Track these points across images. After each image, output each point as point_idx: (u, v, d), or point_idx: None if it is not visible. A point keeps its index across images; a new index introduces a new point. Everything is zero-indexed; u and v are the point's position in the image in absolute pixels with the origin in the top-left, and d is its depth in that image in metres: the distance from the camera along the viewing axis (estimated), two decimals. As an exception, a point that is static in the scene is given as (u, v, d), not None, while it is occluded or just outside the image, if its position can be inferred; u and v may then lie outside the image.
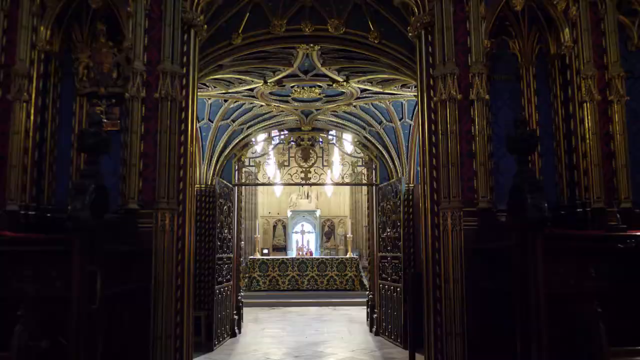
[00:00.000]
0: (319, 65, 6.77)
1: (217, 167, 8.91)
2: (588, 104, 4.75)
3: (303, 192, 27.02)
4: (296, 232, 22.65)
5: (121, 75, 4.93)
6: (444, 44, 4.89)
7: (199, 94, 7.60)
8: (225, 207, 8.66)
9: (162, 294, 4.55)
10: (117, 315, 4.02)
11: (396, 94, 7.75)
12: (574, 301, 3.63)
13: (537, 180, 4.15)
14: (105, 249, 3.60)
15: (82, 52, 5.01)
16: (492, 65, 5.15)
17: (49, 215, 4.70)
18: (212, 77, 6.54)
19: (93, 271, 3.38)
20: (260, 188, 26.83)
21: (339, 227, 27.19)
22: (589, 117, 4.73)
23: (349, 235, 15.20)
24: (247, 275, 13.53)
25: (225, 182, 8.81)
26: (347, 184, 9.34)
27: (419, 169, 9.10)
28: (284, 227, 26.60)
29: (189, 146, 4.87)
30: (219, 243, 8.29)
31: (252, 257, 14.19)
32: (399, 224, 8.27)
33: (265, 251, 25.56)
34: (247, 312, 11.31)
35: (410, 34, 5.30)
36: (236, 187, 9.35)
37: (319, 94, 7.79)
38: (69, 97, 5.00)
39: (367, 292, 9.99)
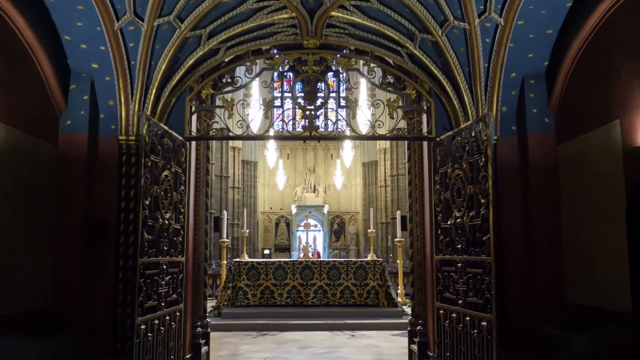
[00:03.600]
0: None
1: (159, 108, 5.17)
2: None
3: (309, 185, 23.76)
4: (300, 230, 19.08)
5: None
6: None
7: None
8: (165, 173, 4.87)
9: None
10: None
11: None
12: None
13: None
14: None
15: None
16: None
17: None
18: None
19: None
20: (260, 179, 23.40)
21: (349, 224, 23.83)
22: None
23: (371, 229, 11.31)
24: (230, 284, 9.75)
25: (166, 128, 5.03)
26: (380, 138, 5.53)
27: (503, 109, 5.42)
28: (288, 224, 23.42)
29: None
30: (148, 237, 4.49)
31: (237, 260, 10.36)
32: (482, 200, 4.46)
33: (267, 252, 22.29)
34: (224, 341, 7.58)
35: None
36: (192, 143, 5.57)
37: (335, -54, 4.01)
38: None
39: (411, 317, 6.18)
